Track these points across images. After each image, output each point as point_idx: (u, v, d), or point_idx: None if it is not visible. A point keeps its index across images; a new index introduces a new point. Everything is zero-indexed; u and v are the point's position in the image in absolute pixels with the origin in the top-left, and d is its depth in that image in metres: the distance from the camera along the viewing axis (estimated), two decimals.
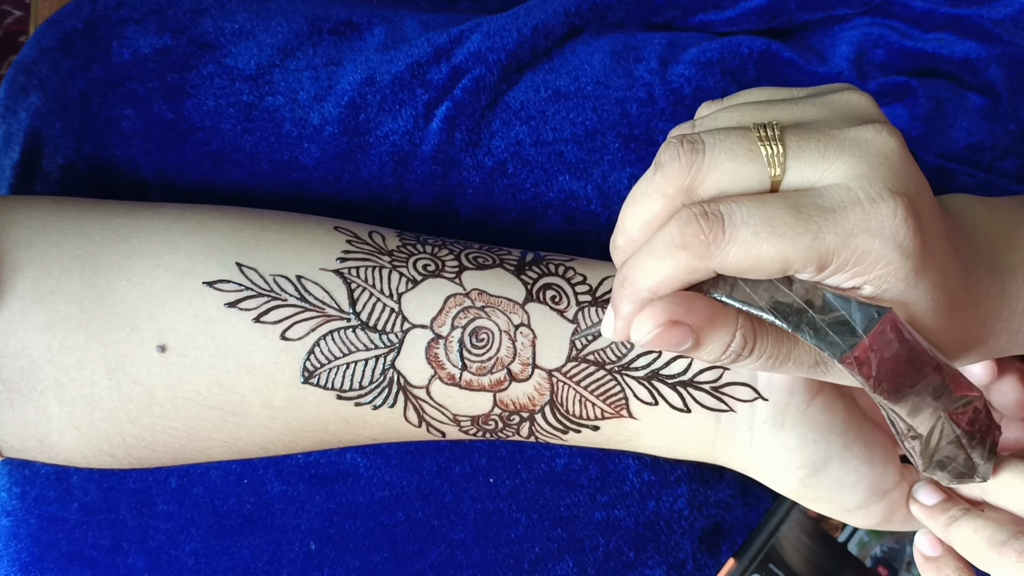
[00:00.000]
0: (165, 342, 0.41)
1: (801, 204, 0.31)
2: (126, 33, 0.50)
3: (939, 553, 0.43)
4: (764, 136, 0.32)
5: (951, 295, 0.33)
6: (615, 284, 0.34)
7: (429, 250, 0.44)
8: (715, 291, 0.32)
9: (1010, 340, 0.38)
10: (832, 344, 0.32)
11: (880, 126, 0.32)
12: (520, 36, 0.51)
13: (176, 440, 0.42)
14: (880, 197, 0.31)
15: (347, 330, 0.41)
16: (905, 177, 0.32)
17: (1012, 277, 0.37)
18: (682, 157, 0.32)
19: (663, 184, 0.32)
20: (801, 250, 0.31)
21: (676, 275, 0.32)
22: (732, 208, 0.31)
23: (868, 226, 0.31)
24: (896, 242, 0.31)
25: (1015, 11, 0.54)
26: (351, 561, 0.49)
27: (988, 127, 0.52)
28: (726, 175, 0.32)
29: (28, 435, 0.41)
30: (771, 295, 0.32)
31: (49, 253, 0.41)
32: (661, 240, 0.32)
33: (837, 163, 0.31)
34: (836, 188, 0.31)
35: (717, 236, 0.31)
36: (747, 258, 0.31)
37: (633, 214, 0.33)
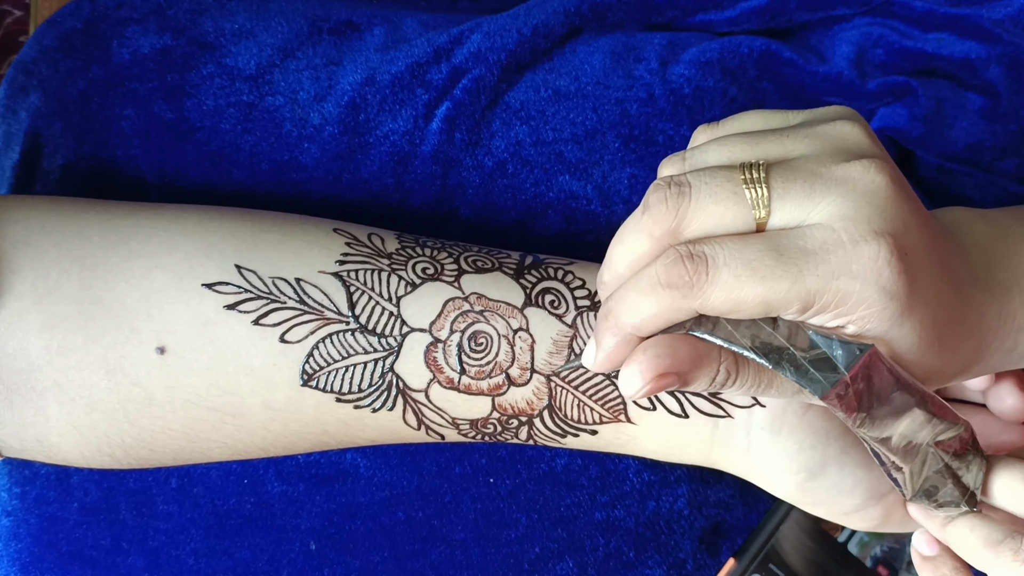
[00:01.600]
0: (164, 344, 0.41)
1: (783, 246, 0.31)
2: (126, 33, 0.50)
3: (936, 553, 0.43)
4: (749, 179, 0.32)
5: (941, 328, 0.33)
6: (599, 317, 0.34)
7: (428, 253, 0.44)
8: (697, 329, 0.33)
9: (1005, 358, 0.38)
10: (813, 381, 0.32)
11: (869, 162, 0.32)
12: (520, 36, 0.51)
13: (175, 441, 0.42)
14: (863, 239, 0.31)
15: (346, 333, 0.41)
16: (893, 216, 0.32)
17: (1009, 296, 0.37)
18: (669, 201, 0.32)
19: (650, 225, 0.33)
20: (781, 293, 0.31)
21: (660, 313, 0.32)
22: (716, 250, 0.31)
23: (850, 269, 0.31)
24: (879, 285, 0.31)
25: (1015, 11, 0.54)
26: (351, 561, 0.49)
27: (988, 127, 0.52)
28: (711, 218, 0.32)
29: (27, 436, 0.41)
30: (753, 333, 0.33)
31: (48, 254, 0.41)
32: (647, 278, 0.32)
33: (822, 204, 0.31)
34: (820, 229, 0.31)
35: (700, 278, 0.31)
36: (728, 300, 0.31)
37: (621, 252, 0.34)
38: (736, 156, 0.33)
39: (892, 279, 0.31)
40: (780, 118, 0.35)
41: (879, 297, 0.31)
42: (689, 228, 0.32)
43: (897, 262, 0.31)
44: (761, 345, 0.32)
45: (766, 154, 0.33)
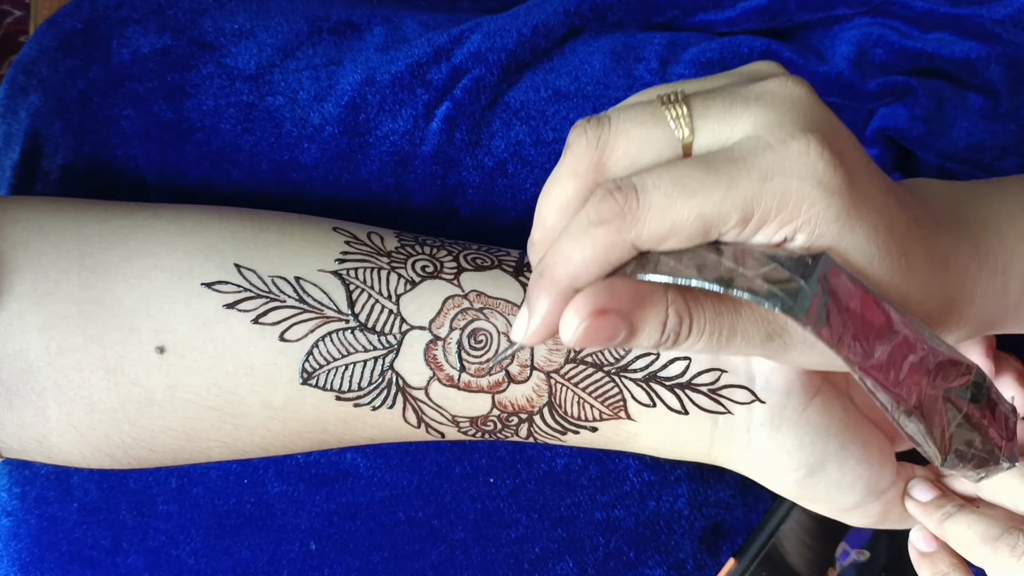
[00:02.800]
0: (163, 343, 0.41)
1: (712, 160, 0.30)
2: (126, 33, 0.50)
3: (934, 549, 0.43)
4: (668, 101, 0.31)
5: (902, 242, 0.32)
6: (531, 281, 0.32)
7: (428, 251, 0.44)
8: (639, 272, 0.30)
9: (998, 304, 0.37)
10: (771, 296, 0.29)
11: (786, 77, 0.31)
12: (520, 36, 0.51)
13: (175, 441, 0.42)
14: (791, 136, 0.30)
15: (346, 331, 0.41)
16: (817, 117, 0.31)
17: (984, 234, 0.36)
18: (588, 132, 0.31)
19: (573, 163, 0.31)
20: (716, 203, 0.30)
21: (596, 256, 0.30)
22: (644, 176, 0.30)
23: (782, 166, 0.30)
24: (816, 178, 0.30)
25: (1015, 11, 0.54)
26: (351, 561, 0.49)
27: (988, 127, 0.52)
28: (633, 143, 0.31)
29: (27, 436, 0.41)
30: (697, 263, 0.30)
31: (47, 254, 0.41)
32: (578, 221, 0.31)
33: (744, 116, 0.31)
34: (746, 139, 0.30)
35: (631, 206, 0.30)
36: (664, 222, 0.30)
37: (547, 202, 0.32)
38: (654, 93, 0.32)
39: (828, 171, 0.30)
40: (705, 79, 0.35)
41: (820, 192, 0.30)
42: (613, 157, 0.31)
43: (830, 155, 0.30)
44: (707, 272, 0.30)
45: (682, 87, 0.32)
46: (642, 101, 0.32)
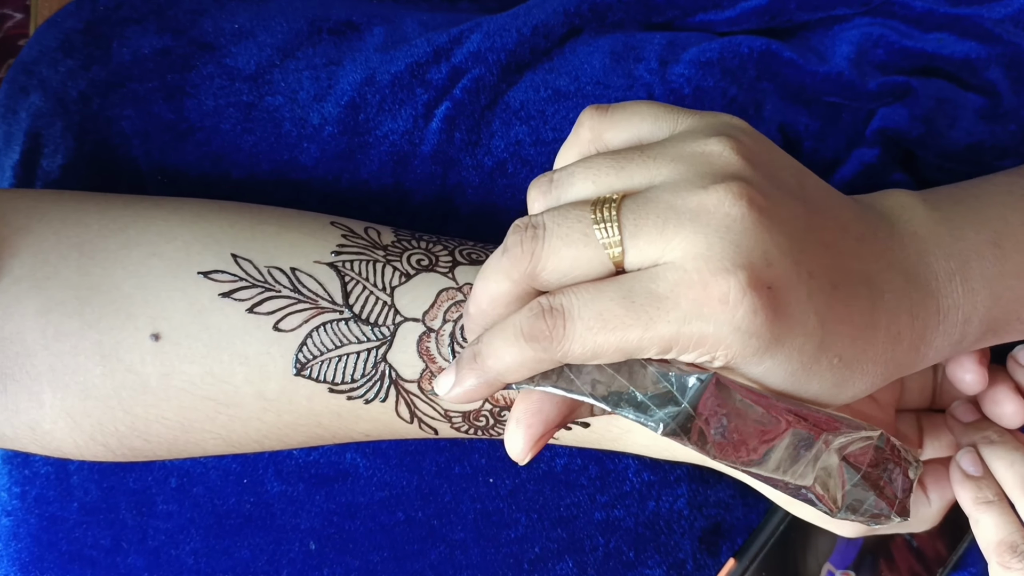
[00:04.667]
0: (159, 330, 0.41)
1: (635, 292, 0.31)
2: (126, 33, 0.50)
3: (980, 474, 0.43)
4: (600, 218, 0.31)
5: (836, 347, 0.32)
6: (465, 355, 0.34)
7: (423, 246, 0.44)
8: (543, 382, 0.33)
9: (955, 348, 0.38)
10: (652, 418, 0.31)
11: (726, 190, 0.31)
12: (520, 36, 0.51)
13: (170, 431, 0.42)
14: (713, 277, 0.30)
15: (340, 322, 0.42)
16: (749, 247, 0.30)
17: (950, 287, 0.36)
18: (524, 244, 0.32)
19: (508, 268, 0.32)
20: (633, 341, 0.31)
21: (524, 364, 0.32)
22: (572, 301, 0.31)
23: (701, 311, 0.30)
24: (732, 325, 0.30)
25: (1015, 11, 0.54)
26: (351, 561, 0.49)
27: (988, 127, 0.52)
28: (564, 261, 0.32)
29: (20, 423, 0.41)
30: (594, 379, 0.32)
31: (47, 240, 0.41)
32: (513, 328, 0.32)
33: (675, 240, 0.30)
34: (672, 269, 0.30)
35: (558, 332, 0.31)
36: (585, 351, 0.31)
37: (483, 288, 0.34)
38: (599, 184, 0.33)
39: (746, 318, 0.30)
40: (670, 120, 0.34)
41: (735, 337, 0.30)
42: (545, 271, 0.32)
43: (752, 299, 0.30)
44: (602, 390, 0.32)
45: (628, 182, 0.32)
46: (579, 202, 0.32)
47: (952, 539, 0.50)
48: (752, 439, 0.32)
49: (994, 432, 0.43)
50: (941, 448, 0.47)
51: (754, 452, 0.32)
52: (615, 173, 0.33)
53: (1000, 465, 0.42)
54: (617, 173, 0.33)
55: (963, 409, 0.45)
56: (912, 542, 0.50)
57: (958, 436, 0.44)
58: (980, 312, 0.37)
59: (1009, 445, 0.42)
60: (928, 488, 0.45)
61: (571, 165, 0.34)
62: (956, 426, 0.45)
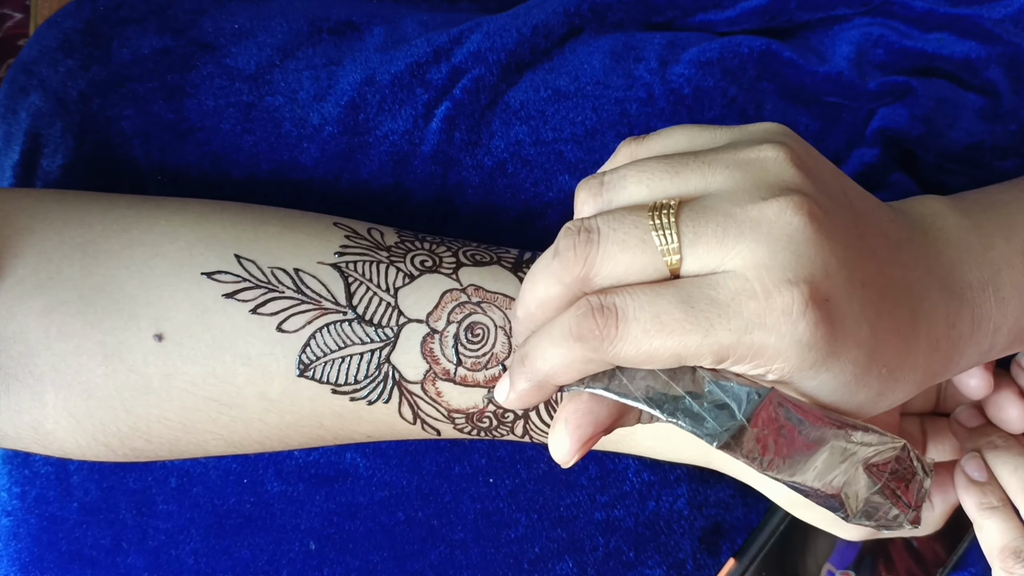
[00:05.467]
0: (162, 331, 0.41)
1: (694, 297, 0.30)
2: (126, 33, 0.50)
3: (985, 479, 0.43)
4: (659, 225, 0.31)
5: (883, 357, 0.32)
6: (515, 358, 0.34)
7: (427, 246, 0.44)
8: (594, 384, 0.32)
9: (982, 358, 0.38)
10: (709, 431, 0.31)
11: (786, 201, 0.30)
12: (520, 36, 0.51)
13: (171, 431, 0.42)
14: (776, 288, 0.30)
15: (343, 323, 0.41)
16: (811, 259, 0.30)
17: (983, 297, 0.36)
18: (577, 248, 0.31)
19: (560, 272, 0.32)
20: (692, 347, 0.30)
21: (573, 364, 0.32)
22: (627, 301, 0.30)
23: (763, 321, 0.30)
24: (794, 338, 0.30)
25: (1015, 11, 0.54)
26: (351, 561, 0.49)
27: (988, 127, 0.52)
28: (620, 266, 0.31)
29: (23, 422, 0.41)
30: (648, 384, 0.32)
31: (50, 240, 0.41)
32: (560, 328, 0.32)
33: (736, 249, 0.30)
34: (733, 278, 0.30)
35: (610, 332, 0.30)
36: (639, 354, 0.30)
37: (532, 291, 0.33)
38: (653, 189, 0.32)
39: (808, 331, 0.30)
40: (707, 136, 0.34)
41: (795, 350, 0.30)
42: (599, 276, 0.31)
43: (813, 312, 0.30)
44: (656, 396, 0.31)
45: (683, 188, 0.32)
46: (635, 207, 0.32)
47: (951, 540, 0.50)
48: (798, 452, 0.32)
49: (998, 437, 0.43)
50: (945, 452, 0.47)
51: (798, 463, 0.32)
52: (669, 178, 0.32)
53: (1004, 470, 0.42)
54: (672, 178, 0.32)
55: (967, 414, 0.45)
56: (911, 543, 0.50)
57: (962, 441, 0.44)
58: (1009, 322, 0.37)
59: (1013, 450, 0.42)
60: (931, 492, 0.45)
61: (622, 167, 0.33)
62: (960, 431, 0.45)
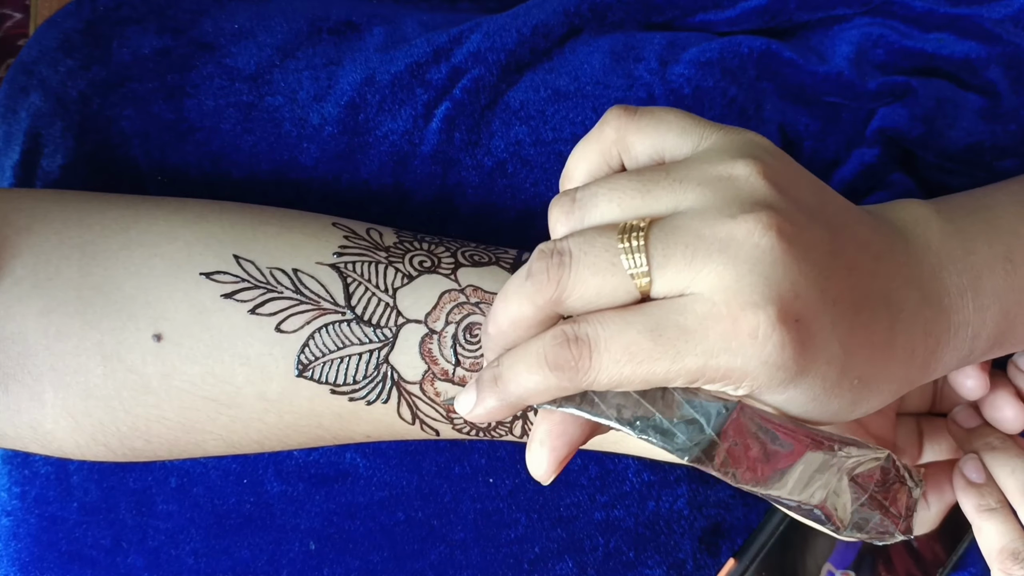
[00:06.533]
0: (161, 331, 0.41)
1: (663, 325, 0.30)
2: (126, 33, 0.50)
3: (983, 481, 0.43)
4: (628, 248, 0.31)
5: (856, 370, 0.32)
6: (485, 376, 0.34)
7: (426, 247, 0.44)
8: (566, 404, 0.33)
9: (962, 363, 0.38)
10: (680, 446, 0.31)
11: (755, 220, 0.30)
12: (520, 36, 0.51)
13: (170, 431, 0.42)
14: (743, 311, 0.30)
15: (342, 324, 0.42)
16: (779, 280, 0.30)
17: (962, 303, 0.36)
18: (550, 271, 0.32)
19: (533, 294, 0.32)
20: (661, 373, 0.30)
21: (547, 390, 0.32)
22: (598, 332, 0.31)
23: (729, 345, 0.30)
24: (761, 359, 0.30)
25: (1015, 11, 0.54)
26: (351, 561, 0.49)
27: (988, 127, 0.52)
28: (591, 290, 0.31)
29: (22, 422, 0.41)
30: (619, 403, 0.32)
31: (49, 240, 0.41)
32: (536, 355, 0.32)
33: (704, 271, 0.30)
34: (700, 301, 0.30)
35: (584, 364, 0.31)
36: (611, 382, 0.31)
37: (505, 310, 0.33)
38: (624, 208, 0.32)
39: (775, 352, 0.30)
40: (696, 133, 0.34)
41: (763, 371, 0.30)
42: (571, 298, 0.32)
43: (781, 334, 0.30)
44: (627, 414, 0.32)
45: (654, 207, 0.32)
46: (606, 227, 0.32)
47: (951, 541, 0.50)
48: (771, 464, 0.32)
49: (996, 438, 0.43)
50: (941, 452, 0.47)
51: (773, 476, 0.32)
52: (640, 196, 0.32)
53: (1002, 472, 0.42)
54: (643, 196, 0.32)
55: (964, 414, 0.45)
56: (911, 543, 0.50)
57: (960, 441, 0.44)
58: (989, 328, 0.38)
59: (1011, 451, 0.42)
60: (927, 492, 0.45)
61: (593, 185, 0.33)
62: (958, 431, 0.45)
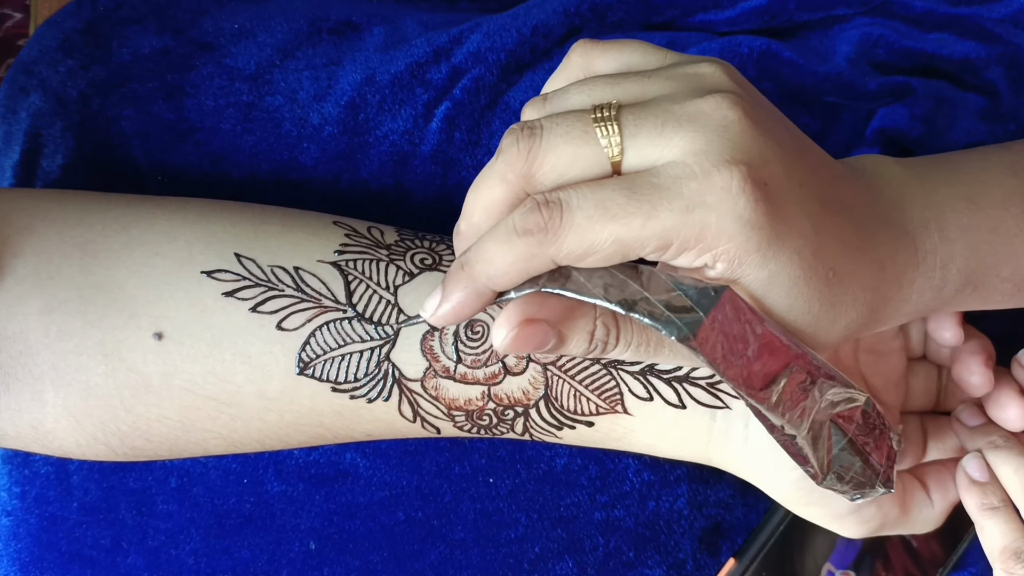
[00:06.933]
0: (162, 330, 0.41)
1: (636, 184, 0.30)
2: (126, 33, 0.50)
3: (986, 479, 0.43)
4: (600, 117, 0.31)
5: (831, 258, 0.32)
6: (451, 269, 0.33)
7: (427, 245, 0.44)
8: (550, 284, 0.32)
9: (936, 296, 0.37)
10: (668, 323, 0.31)
11: (722, 97, 0.31)
12: (520, 36, 0.51)
13: (171, 430, 0.42)
14: (715, 168, 0.30)
15: (343, 321, 0.42)
16: (747, 146, 0.31)
17: (926, 233, 0.36)
18: (520, 143, 0.31)
19: (503, 169, 0.32)
20: (635, 230, 0.30)
21: (515, 263, 0.31)
22: (570, 194, 0.31)
23: (704, 200, 0.30)
24: (735, 213, 0.30)
25: (1015, 11, 0.54)
26: (351, 561, 0.49)
27: (988, 127, 0.52)
28: (563, 159, 0.31)
29: (22, 422, 0.41)
30: (606, 283, 0.31)
31: (50, 240, 0.41)
32: (504, 227, 0.31)
33: (675, 139, 0.31)
34: (672, 165, 0.30)
35: (554, 223, 0.30)
36: (583, 243, 0.30)
37: (475, 198, 0.33)
38: (594, 96, 0.33)
39: (748, 206, 0.30)
40: (658, 56, 0.35)
41: (738, 227, 0.30)
42: (542, 170, 0.31)
43: (752, 189, 0.30)
44: (614, 293, 0.31)
45: (623, 94, 0.32)
46: (575, 109, 0.32)
47: (950, 540, 0.50)
48: (757, 365, 0.32)
49: (999, 436, 0.43)
50: (945, 450, 0.47)
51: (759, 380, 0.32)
52: (611, 88, 0.33)
53: (1006, 470, 0.42)
54: (613, 88, 0.33)
55: (968, 412, 0.45)
56: (911, 543, 0.50)
57: (963, 439, 0.44)
58: (958, 260, 0.37)
59: (1015, 450, 0.42)
60: (931, 490, 0.45)
61: (566, 85, 0.34)
62: (961, 429, 0.45)
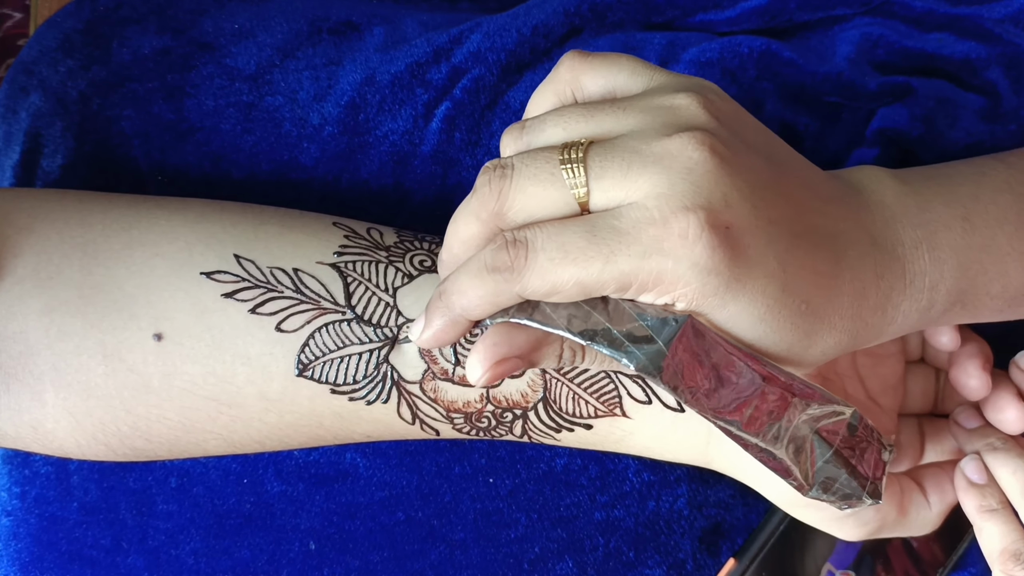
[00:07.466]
0: (162, 330, 0.41)
1: (598, 227, 0.31)
2: (126, 33, 0.50)
3: (984, 481, 0.43)
4: (566, 159, 0.32)
5: (801, 292, 0.33)
6: (434, 295, 0.35)
7: (426, 246, 0.44)
8: (519, 315, 0.33)
9: (923, 316, 0.38)
10: (628, 354, 0.31)
11: (689, 137, 0.31)
12: (520, 36, 0.51)
13: (171, 431, 0.42)
14: (674, 214, 0.30)
15: (342, 323, 0.42)
16: (709, 189, 0.31)
17: (916, 254, 0.37)
18: (492, 183, 0.32)
19: (477, 207, 0.33)
20: (594, 274, 0.31)
21: (485, 297, 0.33)
22: (536, 234, 0.32)
23: (661, 246, 0.30)
24: (691, 260, 0.30)
25: (1015, 11, 0.54)
26: (351, 561, 0.49)
27: (988, 127, 0.52)
28: (531, 200, 0.32)
29: (22, 422, 0.41)
30: (570, 314, 0.32)
31: (50, 240, 0.41)
32: (476, 262, 0.33)
33: (639, 182, 0.31)
34: (635, 208, 0.31)
35: (519, 263, 0.31)
36: (544, 283, 0.31)
37: (454, 232, 0.34)
38: (568, 131, 0.33)
39: (705, 254, 0.30)
40: (646, 75, 0.35)
41: (694, 274, 0.31)
42: (512, 210, 0.32)
43: (710, 236, 0.30)
44: (577, 324, 0.32)
45: (596, 129, 0.33)
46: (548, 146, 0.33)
47: (950, 541, 0.50)
48: (724, 390, 0.32)
49: (998, 439, 0.43)
50: (943, 453, 0.47)
51: (726, 405, 0.32)
52: (584, 121, 0.33)
53: (1004, 472, 0.42)
54: (587, 121, 0.33)
55: (966, 415, 0.45)
56: (911, 544, 0.50)
57: (962, 442, 0.44)
58: (948, 281, 0.37)
59: (1012, 452, 0.42)
60: (928, 492, 0.45)
61: (543, 114, 0.35)
62: (959, 432, 0.45)
